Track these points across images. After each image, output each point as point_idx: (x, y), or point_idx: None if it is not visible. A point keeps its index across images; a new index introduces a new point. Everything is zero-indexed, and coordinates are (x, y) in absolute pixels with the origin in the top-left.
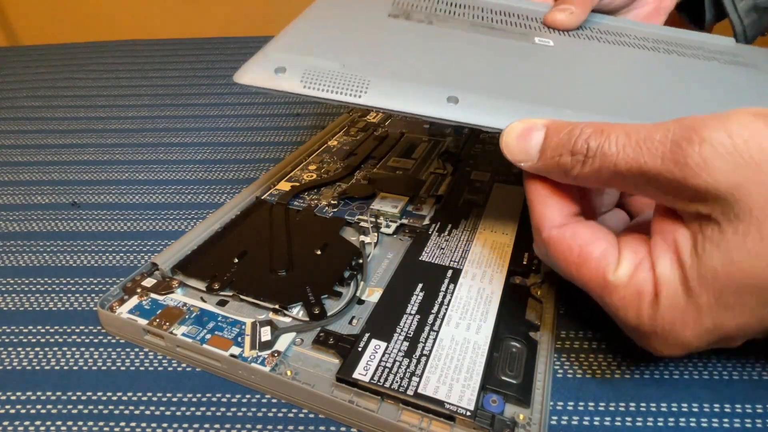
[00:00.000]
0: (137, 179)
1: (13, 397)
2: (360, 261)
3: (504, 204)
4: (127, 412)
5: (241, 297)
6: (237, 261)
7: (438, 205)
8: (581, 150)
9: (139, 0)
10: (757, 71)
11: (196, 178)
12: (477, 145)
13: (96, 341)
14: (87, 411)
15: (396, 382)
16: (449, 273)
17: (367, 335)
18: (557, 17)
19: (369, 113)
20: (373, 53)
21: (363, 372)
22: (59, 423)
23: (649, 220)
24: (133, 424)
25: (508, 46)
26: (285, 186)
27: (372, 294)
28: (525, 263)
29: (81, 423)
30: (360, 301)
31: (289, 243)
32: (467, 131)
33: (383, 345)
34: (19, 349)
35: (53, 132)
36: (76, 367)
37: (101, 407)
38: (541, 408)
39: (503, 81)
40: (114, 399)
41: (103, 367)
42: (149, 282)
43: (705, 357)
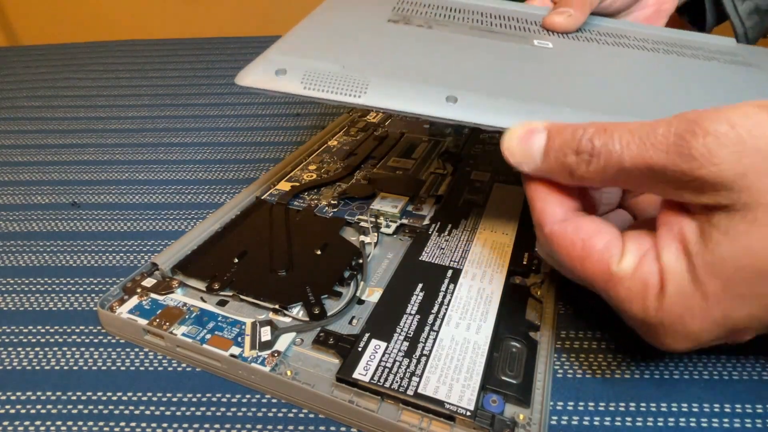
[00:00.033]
0: (137, 179)
1: (13, 397)
2: (360, 261)
3: (504, 204)
4: (127, 412)
5: (241, 297)
6: (237, 261)
7: (438, 205)
8: (586, 149)
9: (139, 0)
10: (758, 71)
11: (196, 178)
12: (477, 145)
13: (96, 341)
14: (87, 411)
15: (396, 382)
16: (449, 273)
17: (367, 335)
18: (556, 20)
19: (369, 113)
20: (373, 55)
21: (363, 372)
22: (59, 423)
23: (653, 218)
24: (133, 424)
25: (507, 48)
26: (285, 186)
27: (372, 294)
28: (525, 263)
29: (81, 423)
30: (360, 301)
31: (289, 243)
32: (467, 131)
33: (383, 345)
34: (19, 349)
35: (53, 132)
36: (76, 367)
37: (101, 407)
38: (541, 408)
39: (502, 81)
40: (114, 399)
41: (103, 367)
42: (149, 282)
43: (705, 357)
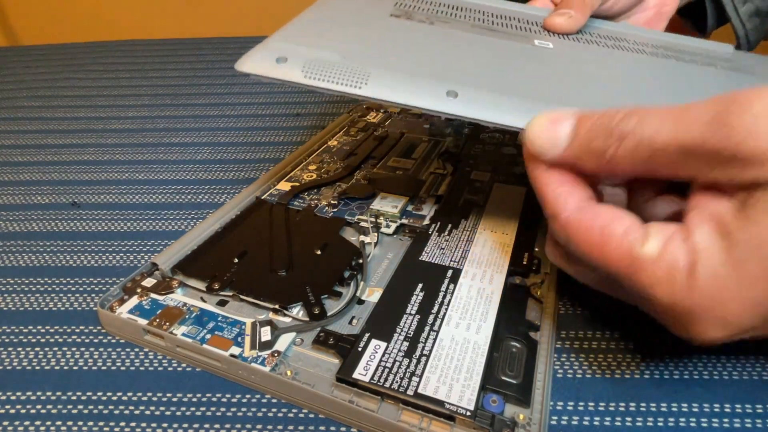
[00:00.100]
0: (137, 179)
1: (13, 397)
2: (360, 261)
3: (504, 204)
4: (127, 412)
5: (241, 297)
6: (237, 261)
7: (438, 205)
8: (617, 130)
9: (139, 0)
10: (754, 77)
11: (196, 178)
12: (477, 145)
13: (96, 341)
14: (87, 411)
15: (396, 382)
16: (449, 273)
17: (367, 335)
18: (556, 21)
19: (369, 113)
20: (375, 47)
21: (363, 372)
22: (59, 423)
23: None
24: (133, 424)
25: (508, 46)
26: (285, 186)
27: (372, 294)
28: (525, 263)
29: (81, 423)
30: (360, 301)
31: (289, 243)
32: (467, 131)
33: (383, 345)
34: (19, 349)
35: (53, 132)
36: (76, 367)
37: (101, 407)
38: (541, 408)
39: (503, 78)
40: (114, 399)
41: (103, 367)
42: (149, 282)
43: (705, 357)
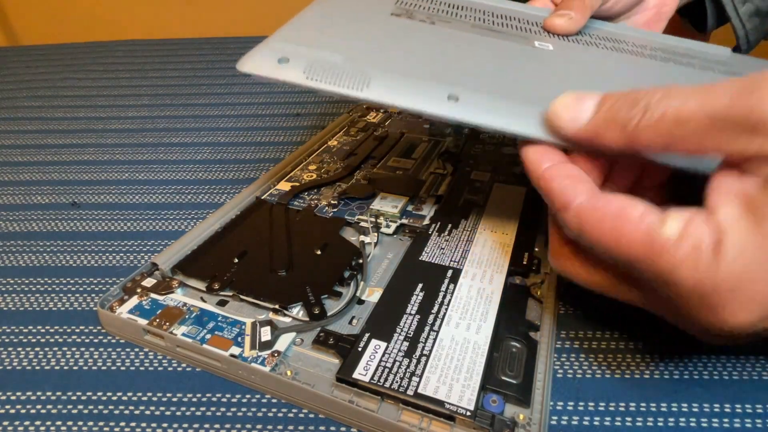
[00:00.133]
0: (137, 179)
1: (13, 397)
2: (360, 261)
3: (504, 204)
4: (127, 412)
5: (241, 297)
6: (237, 261)
7: (438, 205)
8: (643, 102)
9: (139, 0)
10: None
11: (196, 178)
12: (477, 145)
13: (96, 341)
14: (87, 411)
15: (396, 382)
16: (449, 273)
17: (367, 335)
18: (556, 22)
19: (369, 113)
20: (376, 49)
21: (363, 372)
22: (59, 423)
23: None
24: (133, 424)
25: (508, 47)
26: (285, 186)
27: (372, 294)
28: (525, 263)
29: (81, 423)
30: (360, 301)
31: (289, 243)
32: (467, 131)
33: (383, 345)
34: (19, 349)
35: (53, 132)
36: (76, 367)
37: (101, 407)
38: (541, 408)
39: (503, 82)
40: (114, 399)
41: (103, 367)
42: (149, 282)
43: (705, 357)
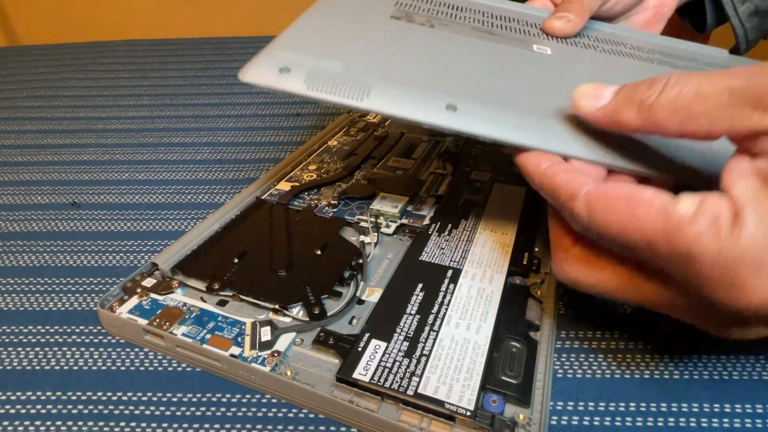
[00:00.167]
0: (137, 179)
1: (13, 397)
2: (360, 261)
3: (504, 204)
4: (127, 412)
5: (241, 297)
6: (237, 261)
7: (438, 205)
8: (662, 81)
9: (139, 0)
10: None
11: (196, 178)
12: (477, 145)
13: (96, 341)
14: (87, 411)
15: (396, 382)
16: (449, 273)
17: (367, 335)
18: (555, 25)
19: (369, 113)
20: (376, 56)
21: (363, 372)
22: (59, 423)
23: None
24: (133, 424)
25: (506, 52)
26: (285, 186)
27: (372, 294)
28: (525, 263)
29: (81, 423)
30: (360, 301)
31: (289, 243)
32: None
33: (383, 345)
34: (19, 349)
35: (53, 132)
36: (76, 367)
37: (101, 407)
38: (541, 408)
39: (501, 90)
40: (114, 399)
41: (103, 367)
42: (149, 282)
43: (705, 357)
